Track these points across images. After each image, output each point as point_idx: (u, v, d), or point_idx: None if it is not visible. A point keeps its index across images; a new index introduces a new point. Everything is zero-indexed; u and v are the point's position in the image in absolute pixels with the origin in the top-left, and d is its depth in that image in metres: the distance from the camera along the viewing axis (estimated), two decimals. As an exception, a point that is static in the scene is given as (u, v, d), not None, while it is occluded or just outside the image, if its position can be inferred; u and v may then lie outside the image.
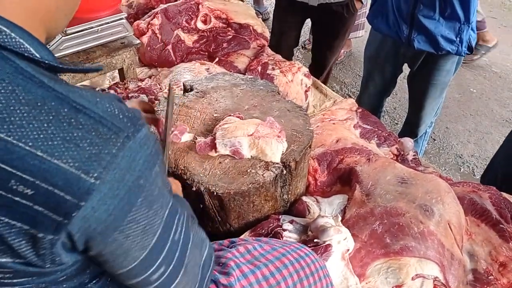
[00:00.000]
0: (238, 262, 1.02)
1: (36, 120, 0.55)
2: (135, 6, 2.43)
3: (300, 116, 1.48)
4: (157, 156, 0.65)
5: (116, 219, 0.60)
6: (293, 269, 1.05)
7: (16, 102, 0.55)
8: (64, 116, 0.56)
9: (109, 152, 0.57)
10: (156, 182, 0.64)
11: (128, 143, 0.59)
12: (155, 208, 0.65)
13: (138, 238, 0.64)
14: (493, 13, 4.55)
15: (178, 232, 0.72)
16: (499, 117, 3.36)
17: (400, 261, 1.29)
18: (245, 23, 2.29)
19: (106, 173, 0.57)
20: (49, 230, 0.57)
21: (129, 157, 0.59)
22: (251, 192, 1.26)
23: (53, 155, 0.55)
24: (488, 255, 1.37)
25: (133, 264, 0.66)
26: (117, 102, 0.63)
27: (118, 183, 0.58)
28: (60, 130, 0.56)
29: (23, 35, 0.59)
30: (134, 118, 0.62)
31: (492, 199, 1.46)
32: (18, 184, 0.55)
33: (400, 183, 1.45)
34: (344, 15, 2.47)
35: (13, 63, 0.57)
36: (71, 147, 0.56)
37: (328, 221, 1.30)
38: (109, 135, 0.58)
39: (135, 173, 0.60)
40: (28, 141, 0.54)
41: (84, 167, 0.56)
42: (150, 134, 0.64)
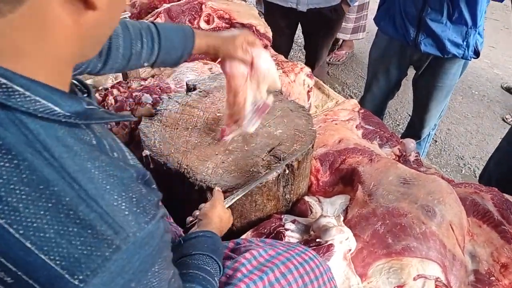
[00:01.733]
0: (245, 272, 1.02)
1: (34, 206, 0.50)
2: (138, 6, 2.43)
3: (302, 116, 1.48)
4: (159, 254, 0.59)
5: None
6: (298, 274, 1.05)
7: (18, 180, 0.50)
8: (64, 206, 0.51)
9: (101, 255, 0.52)
10: (151, 282, 0.58)
11: (125, 245, 0.53)
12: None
13: None
14: (495, 15, 4.55)
15: None
16: (501, 119, 3.36)
17: (402, 262, 1.29)
18: (248, 23, 2.30)
19: (93, 276, 0.52)
20: None
21: (123, 259, 0.53)
22: (253, 191, 1.27)
23: (42, 249, 0.50)
24: (490, 256, 1.37)
25: None
26: (131, 190, 0.56)
27: (104, 286, 0.52)
28: (56, 222, 0.51)
29: (39, 91, 0.53)
30: (142, 214, 0.56)
31: (494, 200, 1.46)
32: (0, 270, 0.51)
33: (402, 184, 1.45)
34: (332, 18, 2.51)
35: (25, 130, 0.51)
36: (63, 243, 0.51)
37: (330, 221, 1.30)
38: (106, 235, 0.52)
39: (127, 276, 0.54)
40: (20, 228, 0.50)
41: (71, 267, 0.51)
42: (157, 228, 0.57)
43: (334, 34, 2.76)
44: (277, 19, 2.61)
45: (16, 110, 0.51)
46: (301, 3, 2.38)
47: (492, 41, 4.05)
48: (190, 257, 0.93)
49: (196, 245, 0.96)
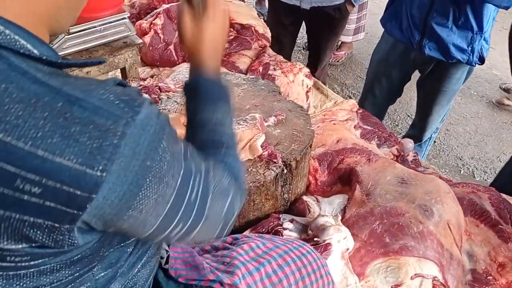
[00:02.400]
0: (243, 260, 1.03)
1: (32, 118, 0.54)
2: (138, 6, 2.44)
3: (301, 116, 1.49)
4: (162, 132, 0.63)
5: (128, 200, 0.60)
6: (295, 267, 1.06)
7: (10, 100, 0.54)
8: (59, 111, 0.55)
9: (111, 143, 0.56)
10: (164, 158, 0.63)
11: (128, 129, 0.58)
12: (166, 181, 0.64)
13: (152, 209, 0.64)
14: (494, 16, 4.56)
15: (194, 192, 0.71)
16: (499, 120, 3.37)
17: (399, 261, 1.29)
18: (247, 23, 2.30)
19: (111, 164, 0.56)
20: (65, 221, 0.58)
21: (132, 143, 0.58)
22: (251, 190, 1.27)
23: (55, 153, 0.54)
24: (487, 255, 1.38)
25: (151, 229, 0.67)
26: (112, 86, 0.61)
27: (124, 170, 0.58)
28: (57, 127, 0.54)
29: (18, 31, 0.58)
30: (131, 101, 0.60)
31: (492, 200, 1.47)
32: (25, 183, 0.54)
33: (400, 183, 1.46)
34: (336, 17, 2.51)
35: (6, 60, 0.56)
36: (71, 143, 0.55)
37: (328, 220, 1.31)
38: (108, 126, 0.57)
39: (141, 156, 0.59)
40: (27, 140, 0.53)
41: (88, 162, 0.55)
42: (151, 111, 0.62)
43: (338, 34, 2.74)
44: (281, 17, 2.61)
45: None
46: (304, 1, 2.38)
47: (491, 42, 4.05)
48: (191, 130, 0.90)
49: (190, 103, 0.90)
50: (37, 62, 0.59)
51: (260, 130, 1.35)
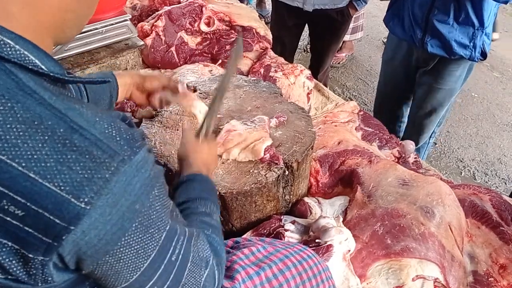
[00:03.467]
0: (243, 265, 1.02)
1: (32, 140, 0.54)
2: (139, 8, 2.44)
3: (302, 117, 1.49)
4: (156, 180, 0.63)
5: (107, 243, 0.58)
6: (296, 271, 1.05)
7: (13, 120, 0.54)
8: (59, 137, 0.55)
9: (102, 177, 0.56)
10: (154, 206, 0.63)
11: (123, 167, 0.57)
12: (151, 232, 0.63)
13: (130, 262, 0.62)
14: (494, 18, 4.57)
15: (176, 253, 0.70)
16: (500, 122, 3.37)
17: (400, 262, 1.29)
18: (248, 25, 2.31)
19: (97, 198, 0.56)
20: (39, 251, 0.57)
21: (123, 181, 0.57)
22: (253, 192, 1.28)
23: (45, 178, 0.54)
24: (488, 257, 1.38)
25: (124, 284, 0.65)
26: (118, 123, 0.61)
27: (110, 208, 0.57)
28: (54, 152, 0.55)
29: (27, 47, 0.58)
30: (131, 141, 0.60)
31: (493, 201, 1.47)
32: (10, 205, 0.54)
33: (401, 185, 1.46)
34: (338, 20, 2.52)
35: (15, 77, 0.56)
36: (64, 169, 0.55)
37: (329, 222, 1.31)
38: (103, 159, 0.56)
39: (131, 197, 0.58)
40: (22, 161, 0.54)
41: (75, 191, 0.55)
42: (149, 156, 0.62)
43: (340, 37, 2.75)
44: (284, 18, 2.62)
45: (6, 61, 0.56)
46: (307, 3, 2.40)
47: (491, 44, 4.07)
48: (180, 207, 0.91)
49: (181, 194, 0.93)
50: (43, 78, 0.59)
51: (267, 133, 1.36)
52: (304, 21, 2.67)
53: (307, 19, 2.61)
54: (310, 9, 2.41)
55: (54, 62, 0.62)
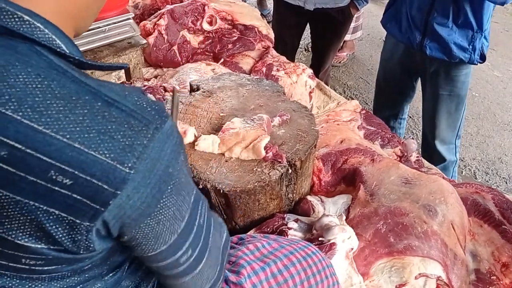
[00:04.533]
0: (248, 260, 1.03)
1: (72, 114, 0.58)
2: (141, 7, 2.45)
3: (305, 116, 1.49)
4: (181, 146, 0.67)
5: (148, 206, 0.62)
6: (300, 267, 1.06)
7: (52, 96, 0.57)
8: (98, 110, 0.59)
9: (141, 143, 0.60)
10: (183, 170, 0.67)
11: (157, 134, 0.62)
12: (183, 194, 0.68)
13: (168, 223, 0.67)
14: (495, 17, 4.57)
15: (202, 217, 0.75)
16: (501, 121, 3.37)
17: (403, 260, 1.30)
18: (250, 24, 2.31)
19: (139, 163, 0.60)
20: (86, 217, 0.60)
21: (158, 147, 0.62)
22: (256, 190, 1.28)
23: (90, 147, 0.58)
24: (491, 255, 1.38)
25: (163, 247, 0.69)
26: (143, 95, 0.66)
27: (149, 172, 0.61)
28: (95, 123, 0.58)
29: (55, 31, 0.62)
30: (160, 110, 0.64)
31: (495, 200, 1.47)
32: (58, 175, 0.57)
33: (404, 184, 1.46)
34: (339, 19, 2.52)
35: (46, 58, 0.60)
36: (106, 139, 0.58)
37: (332, 220, 1.31)
38: (140, 127, 0.61)
39: (164, 162, 0.63)
40: (66, 133, 0.57)
41: (119, 158, 0.59)
42: (174, 125, 0.66)
43: (341, 37, 2.76)
44: (285, 17, 2.63)
45: (37, 43, 0.60)
46: (308, 2, 2.40)
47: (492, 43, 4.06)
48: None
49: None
50: (69, 61, 0.63)
51: (265, 131, 1.36)
52: (305, 20, 2.67)
53: (308, 18, 2.62)
54: (311, 8, 2.42)
55: (76, 48, 0.66)
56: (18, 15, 0.59)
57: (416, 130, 3.23)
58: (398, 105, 2.50)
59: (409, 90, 2.42)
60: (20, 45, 0.59)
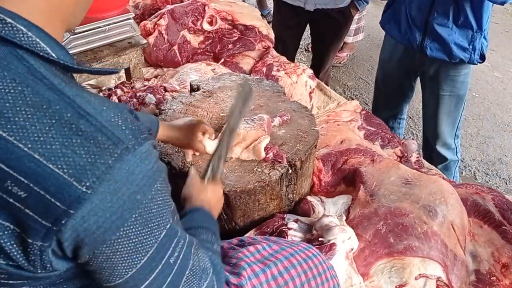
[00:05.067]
0: (249, 262, 1.03)
1: (39, 123, 0.55)
2: (142, 7, 2.45)
3: (306, 116, 1.49)
4: (159, 174, 0.63)
5: (105, 232, 0.58)
6: (301, 269, 1.06)
7: (23, 103, 0.55)
8: (66, 121, 0.56)
9: (105, 163, 0.56)
10: (156, 200, 0.62)
11: (126, 155, 0.58)
12: (151, 227, 0.62)
13: (127, 255, 0.61)
14: (495, 18, 4.57)
15: (175, 256, 0.68)
16: (501, 122, 3.37)
17: (403, 261, 1.30)
18: (251, 24, 2.31)
19: (99, 183, 0.56)
20: (39, 236, 0.57)
21: (126, 170, 0.58)
22: (257, 190, 1.28)
23: (49, 160, 0.55)
24: (491, 256, 1.38)
25: (119, 281, 0.64)
26: (125, 114, 0.62)
27: (111, 195, 0.57)
28: (60, 135, 0.56)
29: (39, 34, 0.59)
30: (137, 132, 0.60)
31: (495, 201, 1.47)
32: (13, 185, 0.55)
33: (404, 184, 1.46)
34: (339, 20, 2.52)
35: (26, 63, 0.57)
36: (68, 153, 0.55)
37: (332, 221, 1.31)
38: (107, 145, 0.57)
39: (132, 187, 0.58)
40: (28, 143, 0.55)
41: (78, 175, 0.55)
42: (153, 150, 0.62)
43: (341, 37, 2.76)
44: (285, 18, 2.63)
45: (18, 47, 0.58)
46: (308, 2, 2.40)
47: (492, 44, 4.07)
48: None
49: (183, 224, 0.89)
50: (54, 66, 0.60)
51: (266, 132, 1.36)
52: (305, 20, 2.67)
53: (309, 18, 2.62)
54: (311, 9, 2.42)
55: (64, 51, 0.63)
56: (0, 17, 0.57)
57: (416, 131, 3.23)
58: (397, 106, 2.49)
59: (408, 90, 2.42)
60: (1, 48, 0.57)
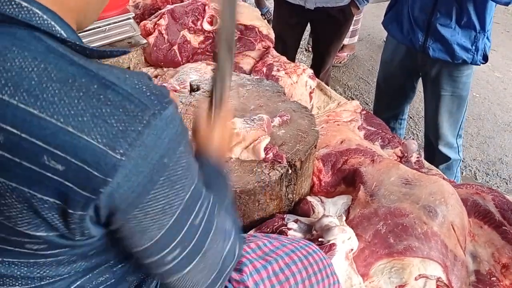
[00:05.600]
0: (250, 258, 1.03)
1: (67, 97, 0.57)
2: (142, 7, 2.45)
3: (305, 116, 1.49)
4: (182, 136, 0.64)
5: (138, 196, 0.60)
6: (301, 266, 1.06)
7: (48, 79, 0.57)
8: (94, 93, 0.58)
9: (135, 130, 0.58)
10: (180, 162, 0.64)
11: (154, 120, 0.59)
12: (177, 188, 0.65)
13: (156, 217, 0.64)
14: (496, 18, 4.56)
15: (199, 217, 0.70)
16: (501, 122, 3.37)
17: (403, 261, 1.30)
18: (251, 24, 2.31)
19: (131, 150, 0.58)
20: (78, 206, 0.59)
21: (154, 135, 0.60)
22: (256, 191, 1.28)
23: (83, 131, 0.56)
24: (491, 256, 1.38)
25: (149, 243, 0.66)
26: (146, 79, 0.63)
27: (142, 160, 0.59)
28: (90, 106, 0.57)
29: (54, 18, 0.61)
30: (161, 96, 0.62)
31: (495, 201, 1.47)
32: (50, 160, 0.56)
33: (404, 184, 1.46)
34: (340, 19, 2.52)
35: (44, 43, 0.59)
36: (100, 123, 0.57)
37: (332, 221, 1.31)
38: (136, 112, 0.59)
39: (160, 151, 0.60)
40: (60, 117, 0.56)
41: (111, 143, 0.57)
42: (176, 113, 0.64)
43: (342, 36, 2.75)
44: (285, 17, 2.63)
45: (36, 29, 0.59)
46: (309, 1, 2.40)
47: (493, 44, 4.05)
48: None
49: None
50: (70, 47, 0.62)
51: (265, 132, 1.36)
52: (306, 19, 2.67)
53: (309, 17, 2.62)
54: (311, 7, 2.42)
55: (76, 35, 0.65)
56: (16, 1, 0.59)
57: (416, 131, 3.23)
58: (398, 106, 2.49)
59: (410, 91, 2.41)
60: (19, 31, 0.59)
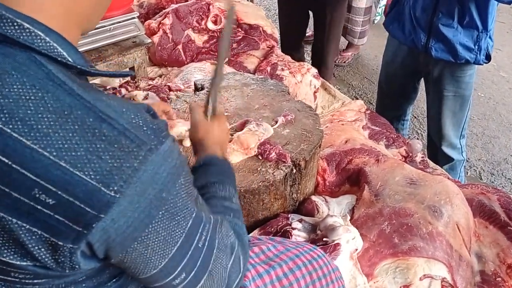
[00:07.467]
0: (253, 263, 1.03)
1: (62, 129, 0.55)
2: (146, 6, 2.45)
3: (310, 116, 1.49)
4: (181, 168, 0.64)
5: (135, 230, 0.60)
6: (306, 271, 1.05)
7: (44, 109, 0.55)
8: (89, 126, 0.56)
9: (131, 166, 0.57)
10: (180, 194, 0.64)
11: (150, 156, 0.59)
12: (177, 220, 0.64)
13: (158, 248, 0.63)
14: (501, 17, 4.54)
15: (202, 239, 0.71)
16: (507, 122, 3.35)
17: (408, 261, 1.29)
18: (255, 24, 2.31)
19: (126, 186, 0.57)
20: (69, 239, 0.58)
21: (151, 170, 0.59)
22: (261, 190, 1.28)
23: (76, 167, 0.55)
24: (496, 257, 1.38)
25: (153, 271, 0.66)
26: (144, 113, 0.62)
27: (138, 196, 0.58)
28: (84, 141, 0.56)
29: (57, 39, 0.60)
30: (158, 130, 0.61)
31: (501, 201, 1.46)
32: (41, 193, 0.55)
33: (409, 184, 1.46)
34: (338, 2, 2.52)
35: (45, 69, 0.58)
36: (93, 158, 0.56)
37: (337, 221, 1.31)
38: (131, 148, 0.58)
39: (158, 186, 0.60)
40: (53, 150, 0.55)
41: (105, 180, 0.56)
42: (174, 146, 0.63)
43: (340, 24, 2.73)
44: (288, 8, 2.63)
45: (36, 52, 0.58)
46: None
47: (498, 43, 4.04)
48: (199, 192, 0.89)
49: (199, 178, 0.91)
50: (71, 70, 0.61)
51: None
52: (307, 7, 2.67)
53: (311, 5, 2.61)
54: None
55: (79, 55, 0.63)
56: (18, 22, 0.57)
57: (421, 131, 3.22)
58: (400, 107, 2.48)
59: (412, 92, 2.40)
60: (19, 53, 0.57)
